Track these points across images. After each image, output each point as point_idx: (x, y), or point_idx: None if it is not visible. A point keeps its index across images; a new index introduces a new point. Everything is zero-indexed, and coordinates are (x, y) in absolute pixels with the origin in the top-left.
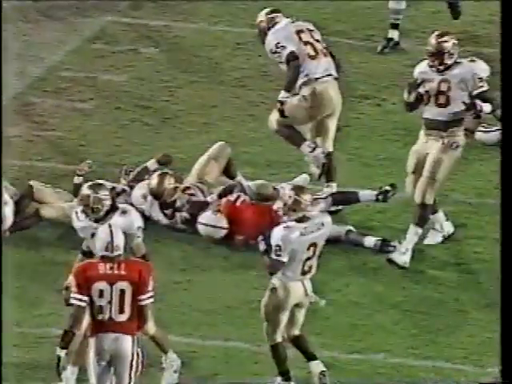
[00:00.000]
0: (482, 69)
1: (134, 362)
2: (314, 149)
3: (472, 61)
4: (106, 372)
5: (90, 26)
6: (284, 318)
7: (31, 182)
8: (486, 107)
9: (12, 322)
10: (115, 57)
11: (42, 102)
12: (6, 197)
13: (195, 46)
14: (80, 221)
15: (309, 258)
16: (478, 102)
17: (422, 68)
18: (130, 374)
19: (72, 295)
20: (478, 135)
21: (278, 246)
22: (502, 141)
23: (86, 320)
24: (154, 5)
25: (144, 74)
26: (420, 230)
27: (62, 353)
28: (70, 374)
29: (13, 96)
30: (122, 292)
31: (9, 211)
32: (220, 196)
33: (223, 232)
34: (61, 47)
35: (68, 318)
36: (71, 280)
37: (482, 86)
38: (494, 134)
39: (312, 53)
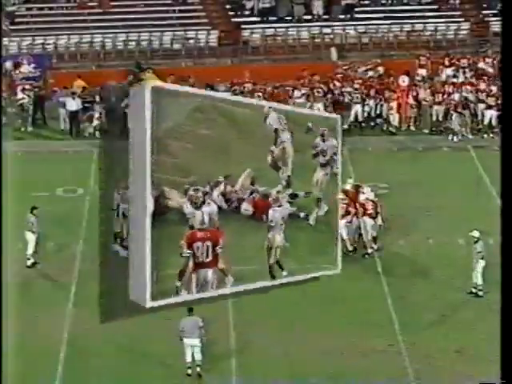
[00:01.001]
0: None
1: (215, 282)
2: (283, 173)
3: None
4: (202, 288)
5: None
6: (273, 252)
7: (164, 187)
8: None
9: (152, 272)
10: None
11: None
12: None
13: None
14: (187, 208)
15: (282, 224)
16: None
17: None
18: (212, 289)
19: (183, 251)
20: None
21: (271, 220)
22: (502, 141)
23: (191, 263)
24: None
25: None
26: (317, 209)
27: (179, 283)
28: (183, 294)
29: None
30: (208, 247)
31: (150, 205)
32: (249, 195)
33: (251, 213)
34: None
35: (182, 264)
36: (183, 243)
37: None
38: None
39: (283, 128)
